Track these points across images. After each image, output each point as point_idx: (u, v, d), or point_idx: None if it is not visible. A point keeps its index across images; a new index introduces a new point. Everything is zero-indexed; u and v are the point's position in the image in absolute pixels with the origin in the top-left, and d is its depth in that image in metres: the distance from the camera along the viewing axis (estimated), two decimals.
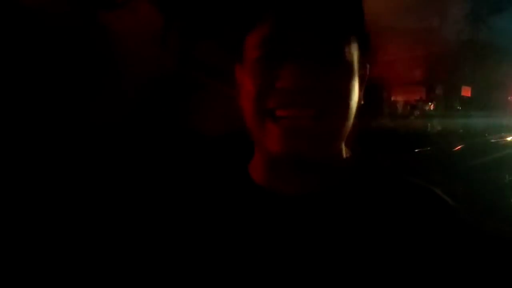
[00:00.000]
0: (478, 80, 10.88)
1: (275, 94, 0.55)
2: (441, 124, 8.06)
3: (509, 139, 9.56)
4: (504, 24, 9.91)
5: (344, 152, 0.66)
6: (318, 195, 0.62)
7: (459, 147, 7.76)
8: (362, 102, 0.63)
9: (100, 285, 1.68)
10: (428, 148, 5.72)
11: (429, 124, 7.58)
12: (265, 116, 0.57)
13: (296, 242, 0.61)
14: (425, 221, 0.60)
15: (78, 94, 2.29)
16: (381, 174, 0.65)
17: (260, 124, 0.57)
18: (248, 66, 0.60)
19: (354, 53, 0.58)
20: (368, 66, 0.64)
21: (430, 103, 9.39)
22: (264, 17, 0.58)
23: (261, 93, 0.57)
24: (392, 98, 8.79)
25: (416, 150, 5.25)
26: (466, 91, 12.19)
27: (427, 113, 8.55)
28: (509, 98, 14.49)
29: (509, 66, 10.47)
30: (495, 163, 5.48)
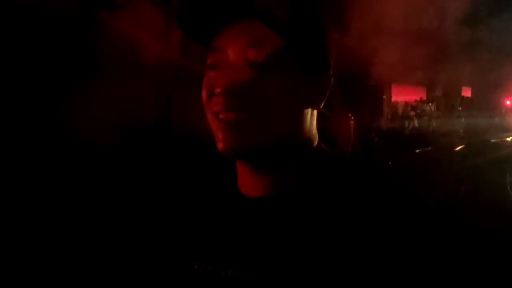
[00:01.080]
0: (479, 80, 10.88)
1: (216, 99, 0.60)
2: (442, 124, 8.06)
3: (509, 139, 9.56)
4: (504, 24, 9.92)
5: (313, 149, 0.66)
6: (281, 196, 0.63)
7: (460, 147, 7.76)
8: (320, 104, 0.65)
9: (92, 284, 1.69)
10: (429, 148, 5.72)
11: (429, 124, 7.59)
12: (214, 119, 0.62)
13: (250, 246, 0.62)
14: (398, 226, 0.56)
15: (77, 94, 2.29)
16: (358, 174, 0.63)
17: (212, 126, 0.63)
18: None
19: (284, 57, 0.60)
20: (323, 66, 0.65)
21: (430, 104, 9.38)
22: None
23: (207, 98, 0.62)
24: (393, 99, 8.79)
25: (418, 150, 5.26)
26: (467, 92, 12.20)
27: (427, 114, 8.55)
28: (509, 98, 14.48)
29: (510, 67, 10.47)
30: (496, 163, 5.48)
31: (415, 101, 9.13)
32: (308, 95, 0.64)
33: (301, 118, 0.64)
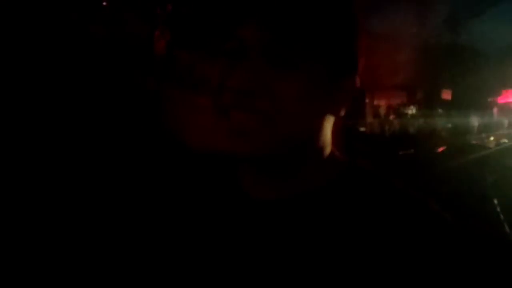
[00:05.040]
0: (458, 83, 11.06)
1: (228, 93, 0.53)
2: (423, 126, 8.18)
3: (488, 140, 9.73)
4: (483, 27, 10.12)
5: (326, 156, 0.61)
6: (291, 202, 0.59)
7: (442, 148, 7.87)
8: (343, 111, 0.60)
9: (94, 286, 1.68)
10: (412, 150, 5.79)
11: (411, 127, 7.68)
12: (220, 112, 0.55)
13: (260, 250, 0.58)
14: (415, 240, 0.52)
15: (67, 102, 2.28)
16: (370, 182, 0.59)
17: (213, 119, 0.56)
18: None
19: (310, 56, 0.54)
20: (349, 75, 0.60)
21: (412, 107, 9.51)
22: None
23: (215, 87, 0.55)
24: (375, 102, 8.88)
25: (400, 153, 5.31)
26: (447, 94, 12.39)
27: (409, 117, 8.66)
28: (488, 100, 14.75)
29: (488, 69, 10.68)
30: (476, 164, 5.57)
31: (397, 104, 9.24)
32: (331, 100, 0.58)
33: (319, 126, 0.59)
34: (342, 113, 0.60)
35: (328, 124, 0.61)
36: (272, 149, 0.55)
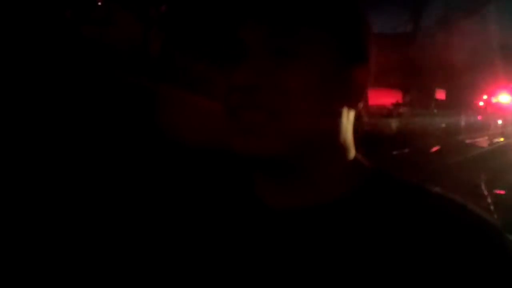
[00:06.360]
0: (452, 82, 11.11)
1: (234, 94, 0.52)
2: (417, 126, 8.21)
3: (481, 139, 9.78)
4: (476, 27, 10.17)
5: (348, 160, 0.57)
6: (311, 211, 0.54)
7: (436, 148, 7.90)
8: (357, 103, 0.56)
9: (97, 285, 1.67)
10: (406, 150, 5.81)
11: (405, 127, 7.71)
12: (232, 115, 0.53)
13: (278, 264, 0.54)
14: (458, 260, 0.47)
15: (63, 105, 2.27)
16: (400, 192, 0.54)
17: (229, 123, 0.54)
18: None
19: (315, 45, 0.52)
20: (360, 62, 0.56)
21: (406, 106, 9.54)
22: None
23: (225, 91, 0.54)
24: (369, 102, 8.88)
25: (394, 152, 5.33)
26: (441, 94, 12.44)
27: (403, 116, 8.69)
28: (481, 99, 14.83)
29: (482, 69, 10.73)
30: (470, 163, 5.60)
31: (391, 104, 9.27)
32: (342, 93, 0.54)
33: (335, 123, 0.54)
34: (357, 107, 0.56)
35: (347, 123, 0.56)
36: (284, 147, 0.52)
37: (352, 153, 0.57)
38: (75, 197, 2.04)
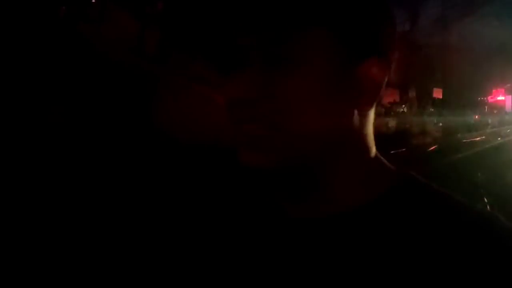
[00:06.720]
0: (449, 82, 11.14)
1: (233, 108, 0.50)
2: (415, 125, 8.22)
3: (479, 138, 9.81)
4: (474, 27, 10.19)
5: (371, 164, 0.53)
6: (333, 220, 0.51)
7: (433, 147, 7.92)
8: (371, 104, 0.51)
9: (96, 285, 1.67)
10: (403, 149, 5.82)
11: (403, 126, 7.72)
12: (235, 128, 0.51)
13: (290, 273, 0.52)
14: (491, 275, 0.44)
15: (61, 101, 2.27)
16: (429, 199, 0.50)
17: (234, 135, 0.52)
18: None
19: (317, 50, 0.48)
20: (374, 60, 0.50)
21: (403, 105, 9.56)
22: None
23: (226, 105, 0.52)
24: None
25: (392, 152, 5.33)
26: (438, 93, 12.48)
27: (401, 115, 8.71)
28: (478, 99, 14.89)
29: (479, 68, 10.77)
30: (467, 162, 5.61)
31: (389, 103, 9.29)
32: (352, 91, 0.49)
33: (346, 122, 0.50)
34: (370, 106, 0.51)
35: (365, 122, 0.52)
36: (290, 159, 0.49)
37: (372, 153, 0.53)
38: (75, 195, 2.03)
